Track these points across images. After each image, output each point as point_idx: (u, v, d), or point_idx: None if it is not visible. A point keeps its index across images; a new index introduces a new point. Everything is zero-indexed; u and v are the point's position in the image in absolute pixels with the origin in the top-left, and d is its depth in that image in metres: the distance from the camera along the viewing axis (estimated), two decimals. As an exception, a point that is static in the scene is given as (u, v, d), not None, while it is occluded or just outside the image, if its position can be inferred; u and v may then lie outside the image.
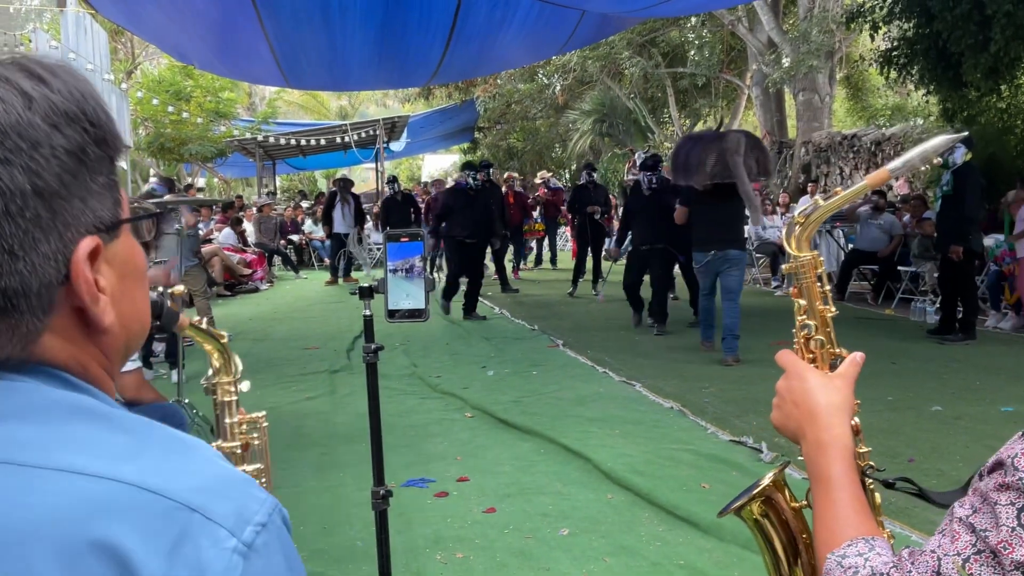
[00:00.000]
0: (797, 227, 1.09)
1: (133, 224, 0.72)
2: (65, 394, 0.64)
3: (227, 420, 1.41)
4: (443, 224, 10.04)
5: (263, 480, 1.44)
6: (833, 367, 1.05)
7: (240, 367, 1.44)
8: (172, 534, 0.57)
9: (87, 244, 0.64)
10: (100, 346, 0.68)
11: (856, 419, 1.00)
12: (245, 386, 1.44)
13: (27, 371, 0.64)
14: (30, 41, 11.01)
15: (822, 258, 1.10)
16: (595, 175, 12.85)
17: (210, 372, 1.44)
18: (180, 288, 1.51)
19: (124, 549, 0.56)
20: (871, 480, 1.00)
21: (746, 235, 9.91)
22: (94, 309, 0.65)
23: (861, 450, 0.99)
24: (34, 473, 0.58)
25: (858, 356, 1.04)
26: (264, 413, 1.48)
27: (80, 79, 0.66)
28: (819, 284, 1.08)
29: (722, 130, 9.99)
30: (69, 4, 10.43)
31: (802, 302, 1.08)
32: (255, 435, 1.45)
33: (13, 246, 0.60)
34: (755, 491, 1.09)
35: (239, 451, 1.42)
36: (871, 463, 1.00)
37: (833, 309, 1.08)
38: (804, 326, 1.07)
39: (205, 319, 1.41)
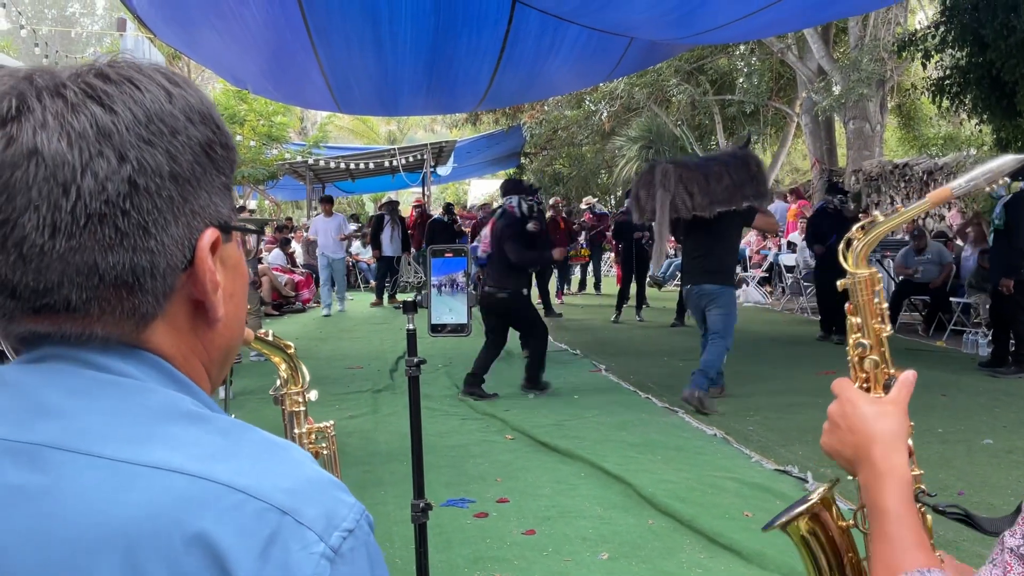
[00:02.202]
0: (855, 242, 1.04)
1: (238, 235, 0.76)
2: (166, 392, 0.66)
3: (296, 430, 1.41)
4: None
5: None
6: (887, 387, 1.01)
7: (308, 377, 1.43)
8: (264, 535, 0.58)
9: (210, 234, 0.68)
10: (204, 341, 0.71)
11: (910, 441, 0.98)
12: (313, 395, 1.43)
13: (134, 357, 0.66)
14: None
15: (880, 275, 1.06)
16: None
17: (278, 383, 1.43)
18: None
19: (220, 547, 0.57)
20: (921, 504, 0.97)
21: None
22: (212, 297, 0.68)
23: (913, 472, 0.97)
24: (132, 470, 0.59)
25: (910, 375, 1.00)
26: (332, 423, 1.47)
27: (205, 93, 0.72)
28: (876, 301, 1.03)
29: (750, 145, 8.48)
30: (128, 29, 10.76)
31: (856, 320, 1.04)
32: (323, 445, 1.44)
33: (148, 223, 0.64)
34: (803, 507, 1.06)
35: None
36: (922, 487, 0.97)
37: (889, 328, 1.04)
38: (859, 344, 1.03)
39: (271, 332, 1.42)
